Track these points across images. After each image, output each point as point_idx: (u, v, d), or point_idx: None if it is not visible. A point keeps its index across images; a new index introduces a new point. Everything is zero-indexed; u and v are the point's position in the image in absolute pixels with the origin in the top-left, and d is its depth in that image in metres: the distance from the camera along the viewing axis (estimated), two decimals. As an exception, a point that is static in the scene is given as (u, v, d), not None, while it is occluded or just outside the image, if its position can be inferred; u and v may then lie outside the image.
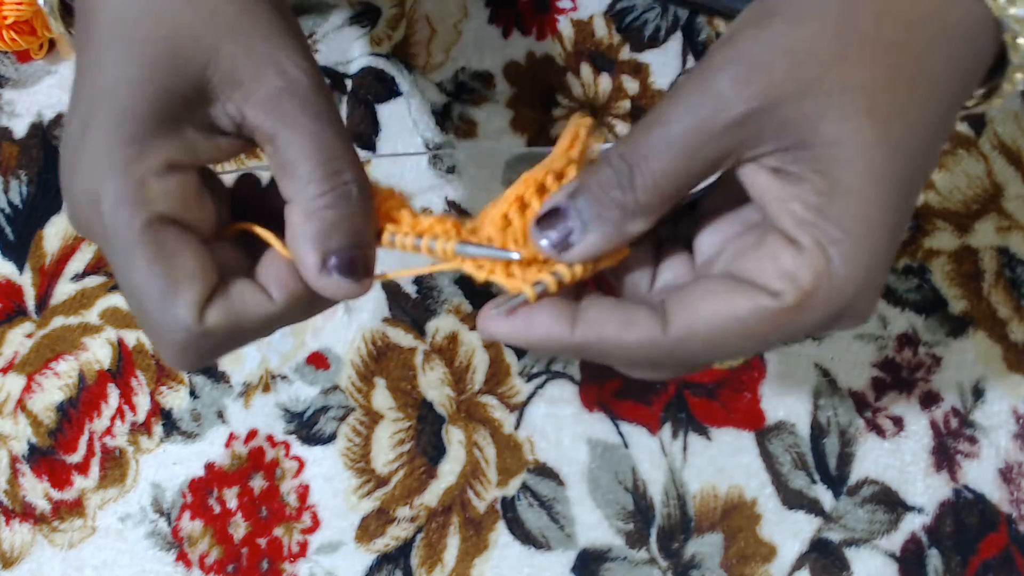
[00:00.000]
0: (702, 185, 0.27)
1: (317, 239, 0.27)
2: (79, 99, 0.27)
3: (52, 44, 0.51)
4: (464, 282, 0.48)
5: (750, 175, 0.26)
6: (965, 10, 0.25)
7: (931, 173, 0.27)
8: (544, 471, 0.46)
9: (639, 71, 0.50)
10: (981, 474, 0.45)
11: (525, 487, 0.46)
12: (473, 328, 0.47)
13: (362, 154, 0.31)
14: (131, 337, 0.48)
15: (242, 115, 0.27)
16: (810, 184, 0.25)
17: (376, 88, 0.50)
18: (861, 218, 0.25)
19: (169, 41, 0.26)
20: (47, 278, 0.49)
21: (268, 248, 0.29)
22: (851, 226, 0.25)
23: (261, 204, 0.30)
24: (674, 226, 0.30)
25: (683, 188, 0.26)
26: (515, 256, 0.27)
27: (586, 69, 0.50)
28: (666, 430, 0.46)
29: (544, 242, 0.27)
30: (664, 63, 0.50)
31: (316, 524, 0.46)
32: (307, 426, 0.47)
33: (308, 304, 0.29)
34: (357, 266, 0.28)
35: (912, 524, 0.45)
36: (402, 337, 0.47)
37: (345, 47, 0.50)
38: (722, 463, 0.46)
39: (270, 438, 0.47)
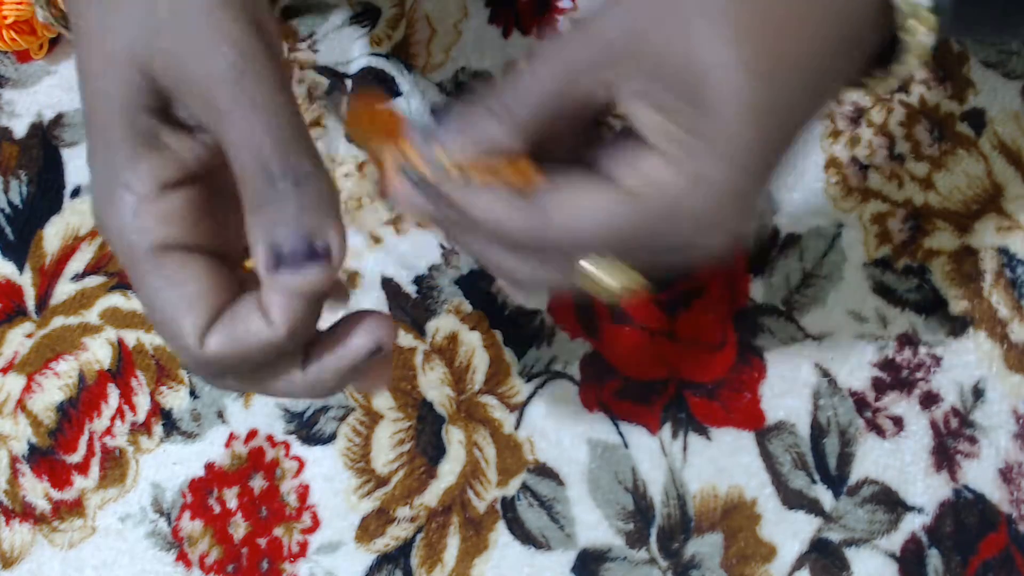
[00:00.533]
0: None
1: (261, 239, 0.26)
2: (83, 104, 0.27)
3: (52, 44, 0.51)
4: (464, 282, 0.48)
5: (633, 111, 0.27)
6: None
7: (814, 115, 0.27)
8: (544, 471, 0.46)
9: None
10: (981, 474, 0.45)
11: (525, 487, 0.46)
12: (474, 328, 0.47)
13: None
14: (131, 337, 0.48)
15: (195, 116, 0.27)
16: (685, 111, 0.26)
17: (376, 87, 0.50)
18: (729, 138, 0.25)
19: (119, 55, 0.26)
20: (47, 278, 0.49)
21: None
22: (720, 145, 0.26)
23: None
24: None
25: (559, 109, 0.27)
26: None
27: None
28: (666, 430, 0.46)
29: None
30: (664, 63, 0.50)
31: (316, 524, 0.46)
32: (307, 426, 0.47)
33: (313, 319, 0.28)
34: (306, 255, 0.26)
35: (912, 524, 0.45)
36: (402, 337, 0.47)
37: (345, 47, 0.50)
38: (722, 463, 0.46)
39: (270, 438, 0.47)
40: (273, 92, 0.26)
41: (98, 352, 0.48)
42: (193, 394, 0.47)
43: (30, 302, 0.49)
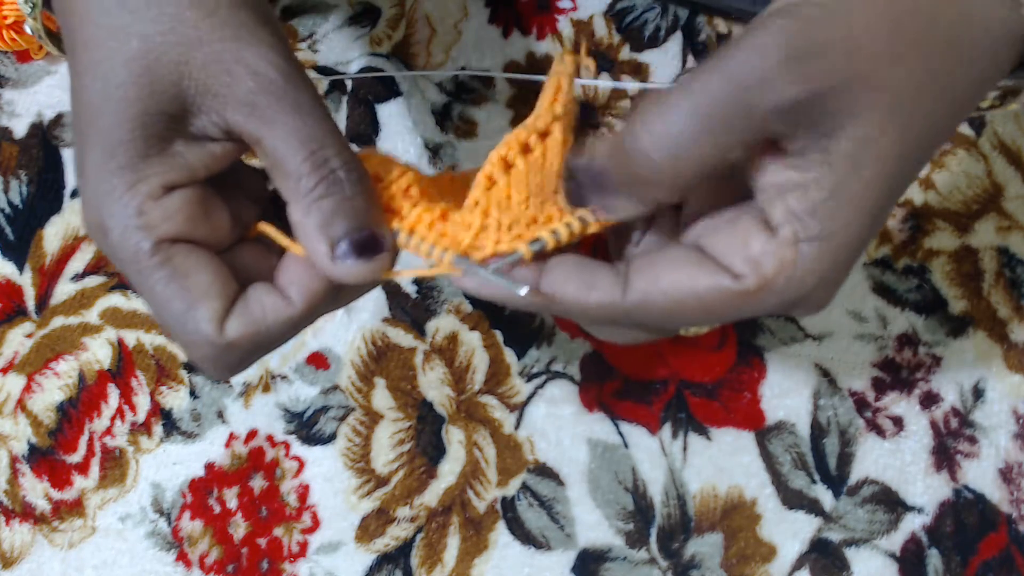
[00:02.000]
0: None
1: (321, 230, 0.27)
2: (74, 119, 0.27)
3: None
4: (464, 282, 0.48)
5: (764, 157, 0.26)
6: (1001, 18, 0.24)
7: (920, 171, 0.27)
8: (544, 471, 0.46)
9: (639, 71, 0.50)
10: (981, 474, 0.45)
11: (525, 487, 0.46)
12: (474, 328, 0.47)
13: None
14: (131, 337, 0.48)
15: (225, 122, 0.27)
16: (816, 177, 0.24)
17: (376, 88, 0.50)
18: (847, 220, 0.25)
19: (139, 61, 0.26)
20: (47, 278, 0.49)
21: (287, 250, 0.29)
22: (834, 226, 0.25)
23: None
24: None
25: (710, 167, 0.25)
26: (523, 291, 0.27)
27: (585, 72, 0.50)
28: (666, 430, 0.46)
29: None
30: (664, 63, 0.50)
31: (316, 524, 0.46)
32: (307, 426, 0.47)
33: (331, 299, 0.29)
34: (368, 246, 0.27)
35: (912, 524, 0.45)
36: (402, 337, 0.47)
37: (345, 47, 0.50)
38: (722, 463, 0.46)
39: (270, 438, 0.47)
40: (315, 94, 0.27)
41: (98, 352, 0.48)
42: (193, 394, 0.47)
43: (30, 302, 0.49)
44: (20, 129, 0.50)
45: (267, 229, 0.29)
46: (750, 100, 0.24)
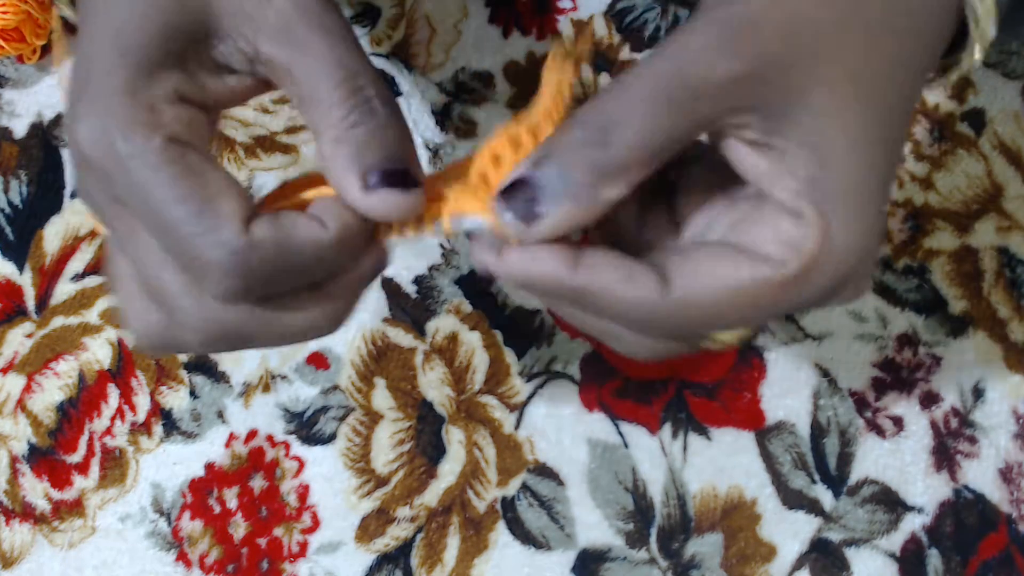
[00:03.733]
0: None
1: (353, 160, 0.25)
2: (83, 43, 0.26)
3: (44, 50, 0.50)
4: (464, 282, 0.48)
5: (733, 150, 0.25)
6: None
7: (905, 144, 0.26)
8: (544, 471, 0.46)
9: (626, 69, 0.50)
10: (981, 474, 0.45)
11: (525, 487, 0.46)
12: (474, 328, 0.47)
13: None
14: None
15: (255, 49, 0.26)
16: (795, 158, 0.24)
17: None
18: (854, 190, 0.24)
19: None
20: (47, 278, 0.49)
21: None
22: (846, 197, 0.24)
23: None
24: (652, 196, 0.28)
25: (663, 150, 0.24)
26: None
27: (586, 69, 0.50)
28: (666, 430, 0.46)
29: (508, 215, 0.25)
30: (664, 63, 0.50)
31: (316, 524, 0.46)
32: (307, 426, 0.47)
33: (361, 237, 0.27)
34: (399, 177, 0.25)
35: (912, 524, 0.45)
36: (402, 337, 0.47)
37: (345, 47, 0.50)
38: (722, 463, 0.46)
39: (270, 438, 0.47)
40: (347, 23, 0.26)
41: (98, 352, 0.48)
42: (193, 394, 0.47)
43: (30, 302, 0.49)
44: (20, 129, 0.50)
45: (285, 192, 0.27)
46: (692, 78, 0.23)
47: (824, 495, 0.45)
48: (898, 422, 0.46)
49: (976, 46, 0.26)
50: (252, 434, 0.47)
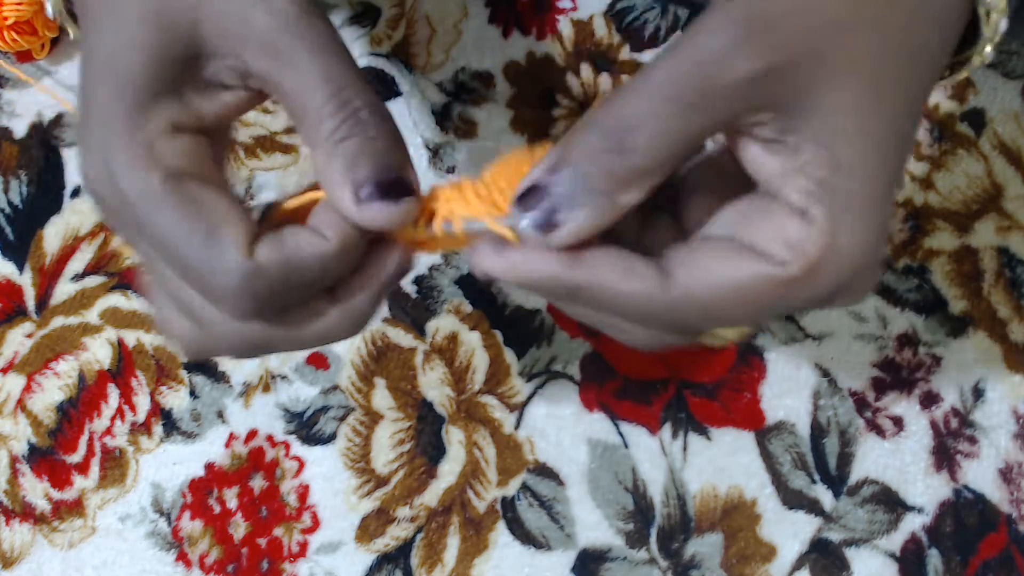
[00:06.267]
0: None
1: (344, 174, 0.25)
2: (83, 73, 0.26)
3: (54, 43, 0.51)
4: (464, 282, 0.48)
5: (744, 148, 0.25)
6: None
7: (913, 144, 0.26)
8: (544, 471, 0.46)
9: (639, 71, 0.50)
10: (981, 474, 0.45)
11: (525, 487, 0.46)
12: (474, 328, 0.47)
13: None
14: (131, 337, 0.48)
15: (244, 65, 0.26)
16: (810, 157, 0.24)
17: (376, 88, 0.50)
18: (864, 192, 0.24)
19: (153, 3, 0.25)
20: (47, 278, 0.49)
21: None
22: (855, 200, 0.24)
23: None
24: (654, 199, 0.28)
25: (681, 153, 0.24)
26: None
27: (586, 69, 0.50)
28: (666, 430, 0.46)
29: (525, 223, 0.25)
30: (664, 63, 0.50)
31: (316, 524, 0.46)
32: (307, 426, 0.47)
33: (364, 242, 0.27)
34: (394, 188, 0.26)
35: (912, 524, 0.45)
36: (402, 337, 0.47)
37: (345, 47, 0.50)
38: (722, 463, 0.46)
39: (270, 438, 0.47)
40: (335, 33, 0.26)
41: (98, 352, 0.48)
42: (193, 394, 0.47)
43: (30, 302, 0.49)
44: (20, 129, 0.50)
45: (283, 206, 0.28)
46: (709, 78, 0.23)
47: (824, 495, 0.45)
48: (898, 422, 0.46)
49: (988, 44, 0.26)
50: (252, 434, 0.47)
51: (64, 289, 0.48)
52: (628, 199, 0.24)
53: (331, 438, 0.46)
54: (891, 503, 0.45)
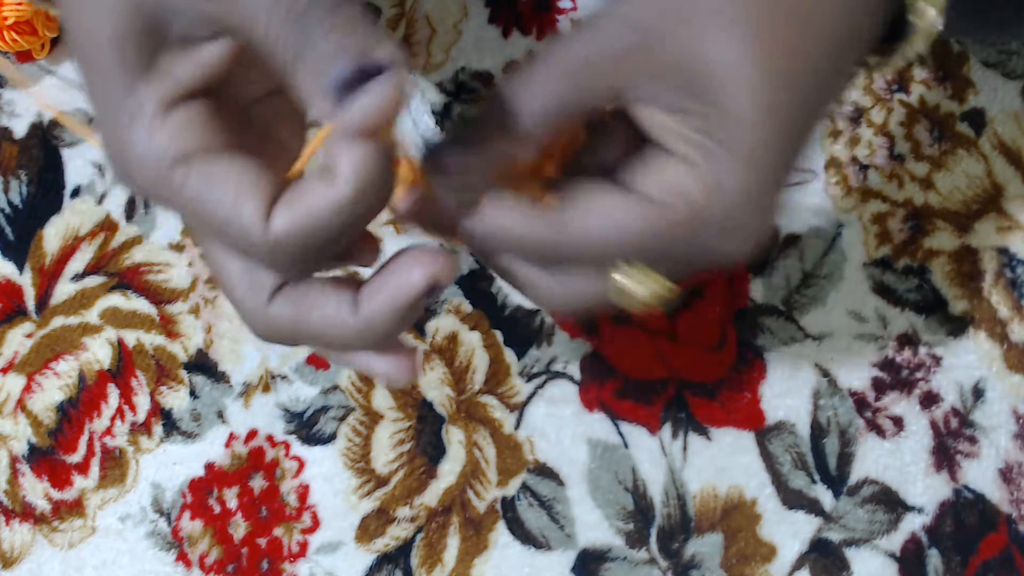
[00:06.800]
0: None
1: (314, 82, 0.24)
2: (77, 63, 0.27)
3: (54, 43, 0.51)
4: (464, 282, 0.48)
5: (645, 116, 0.27)
6: None
7: (827, 113, 0.28)
8: (544, 471, 0.46)
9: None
10: (981, 474, 0.45)
11: (525, 487, 0.46)
12: (474, 328, 0.47)
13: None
14: (131, 337, 0.48)
15: (200, 12, 0.25)
16: (693, 111, 0.26)
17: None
18: (747, 140, 0.25)
19: None
20: (47, 278, 0.49)
21: None
22: (738, 147, 0.25)
23: None
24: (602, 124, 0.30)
25: (565, 116, 0.27)
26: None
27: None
28: (666, 430, 0.46)
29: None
30: (664, 63, 0.50)
31: (316, 524, 0.46)
32: (307, 426, 0.47)
33: (378, 180, 0.25)
34: (367, 71, 0.23)
35: (912, 524, 0.45)
36: (402, 337, 0.47)
37: (345, 47, 0.50)
38: (722, 463, 0.46)
39: (270, 438, 0.47)
40: None
41: (98, 352, 0.48)
42: (193, 394, 0.47)
43: (30, 302, 0.49)
44: (20, 129, 0.50)
45: (296, 167, 0.27)
46: (588, 55, 0.26)
47: (824, 495, 0.45)
48: (898, 422, 0.46)
49: (919, 37, 0.27)
50: (252, 434, 0.47)
51: (64, 289, 0.49)
52: (518, 152, 0.27)
53: (331, 438, 0.46)
54: (891, 503, 0.45)
